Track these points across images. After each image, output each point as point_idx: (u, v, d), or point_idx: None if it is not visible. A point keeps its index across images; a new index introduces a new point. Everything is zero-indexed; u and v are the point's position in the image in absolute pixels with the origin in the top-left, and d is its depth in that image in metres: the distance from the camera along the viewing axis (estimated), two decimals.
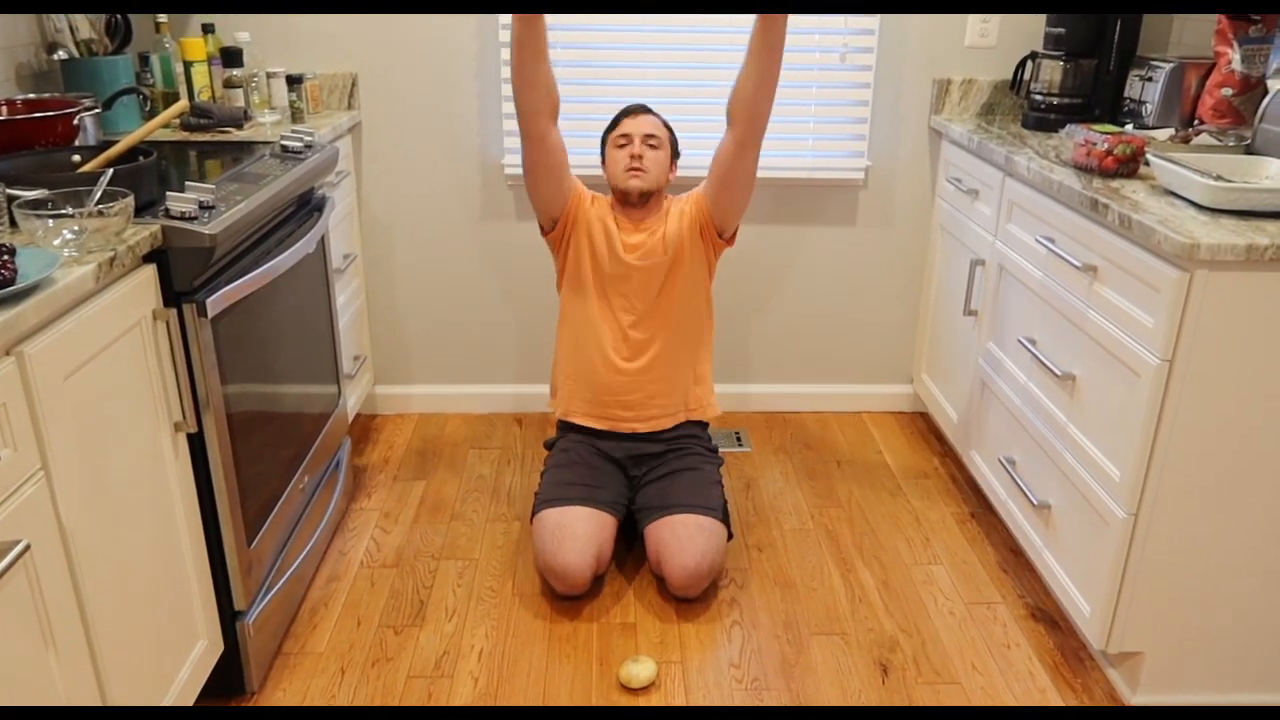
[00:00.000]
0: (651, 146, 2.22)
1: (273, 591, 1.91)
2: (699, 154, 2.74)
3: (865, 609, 2.14)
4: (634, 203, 2.22)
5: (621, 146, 2.23)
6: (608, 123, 2.32)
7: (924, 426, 2.99)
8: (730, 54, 2.66)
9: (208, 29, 2.47)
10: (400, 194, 2.81)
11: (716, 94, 2.69)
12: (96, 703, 1.40)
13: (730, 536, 2.23)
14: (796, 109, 2.71)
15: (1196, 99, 2.35)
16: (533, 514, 2.20)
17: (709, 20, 2.64)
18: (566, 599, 2.14)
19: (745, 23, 2.62)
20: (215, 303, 1.61)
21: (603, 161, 2.29)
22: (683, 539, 2.09)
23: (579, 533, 2.08)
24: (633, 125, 2.24)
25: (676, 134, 2.34)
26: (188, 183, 1.62)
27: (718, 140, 2.18)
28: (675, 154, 2.32)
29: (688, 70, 2.69)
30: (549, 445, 2.40)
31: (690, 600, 2.14)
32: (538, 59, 2.02)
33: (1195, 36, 2.57)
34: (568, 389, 2.31)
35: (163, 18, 2.42)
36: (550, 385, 2.39)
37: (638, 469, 2.28)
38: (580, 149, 2.73)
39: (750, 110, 2.09)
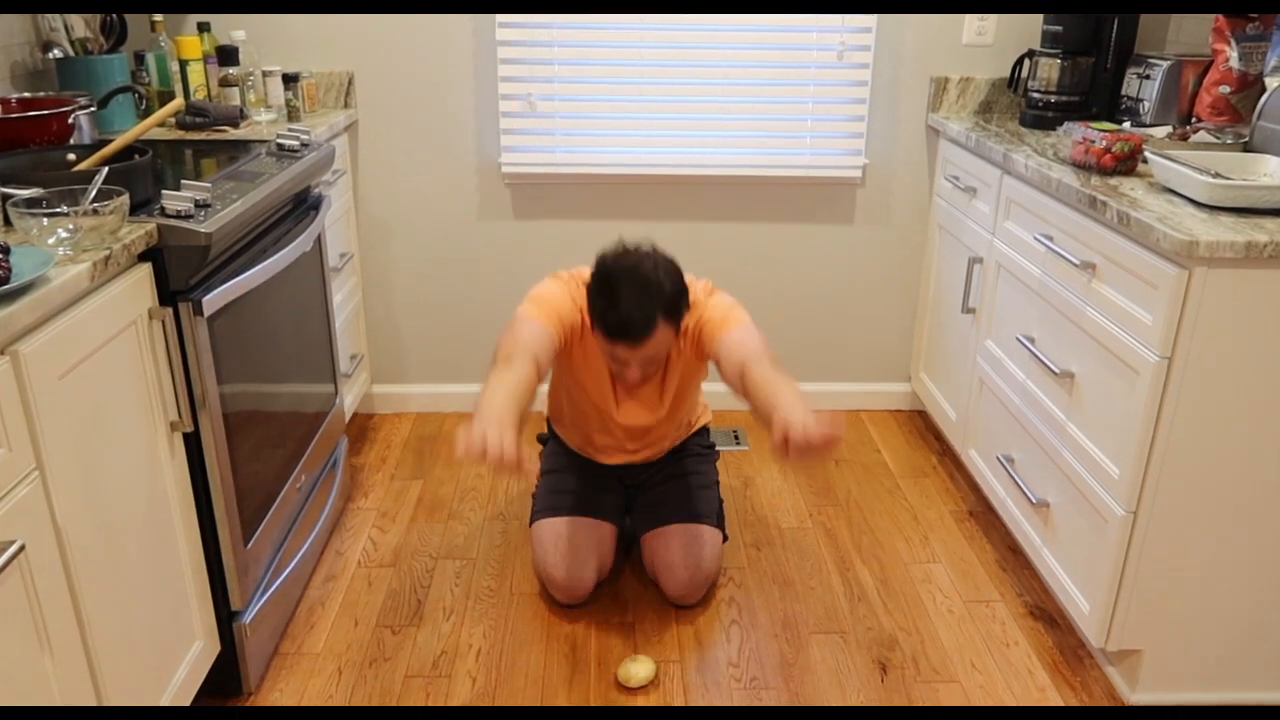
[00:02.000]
0: (654, 363, 1.91)
1: (269, 591, 1.91)
2: (700, 153, 2.75)
3: (864, 608, 2.14)
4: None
5: (616, 359, 1.90)
6: (608, 123, 2.19)
7: (922, 425, 2.99)
8: (730, 52, 2.66)
9: (203, 28, 2.47)
10: (397, 193, 2.80)
11: (717, 92, 2.69)
12: (92, 703, 1.39)
13: (725, 538, 2.23)
14: (794, 107, 2.71)
15: (1194, 96, 2.35)
16: (531, 519, 2.19)
17: (708, 20, 2.63)
18: (566, 606, 2.14)
19: (745, 22, 2.62)
20: (211, 302, 1.60)
21: (590, 322, 1.90)
22: (675, 551, 2.08)
23: (580, 544, 2.07)
24: (630, 353, 1.84)
25: (676, 136, 2.18)
26: (183, 181, 1.61)
27: (718, 139, 2.13)
28: (681, 323, 1.89)
29: (687, 69, 2.68)
30: (542, 440, 2.38)
31: (688, 605, 2.14)
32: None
33: (1193, 34, 2.57)
34: (563, 427, 2.24)
35: (158, 16, 2.41)
36: (547, 410, 2.31)
37: (632, 477, 2.25)
38: (581, 148, 2.74)
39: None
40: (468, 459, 1.53)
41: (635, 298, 1.77)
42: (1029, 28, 2.70)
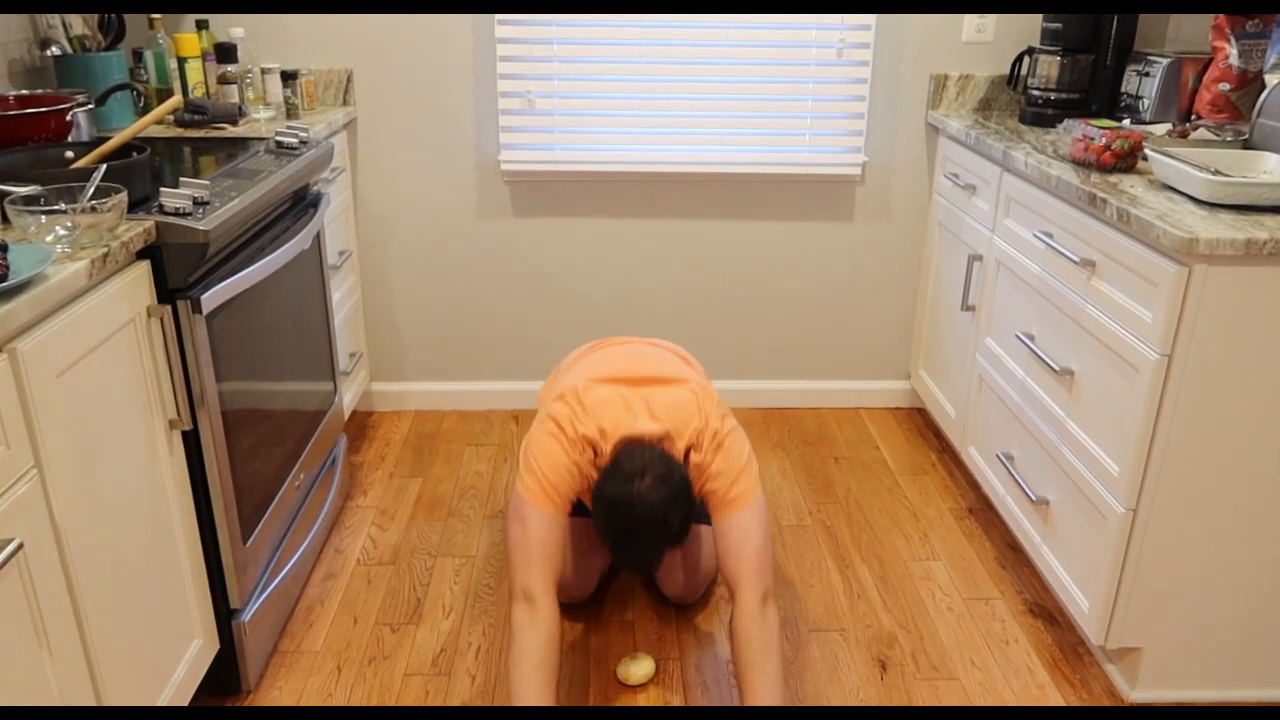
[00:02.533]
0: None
1: (269, 590, 1.90)
2: (700, 150, 2.74)
3: (863, 605, 2.14)
4: None
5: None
6: (607, 123, 2.19)
7: (921, 422, 2.99)
8: (730, 49, 2.66)
9: (202, 25, 2.46)
10: (396, 190, 2.80)
11: (715, 90, 2.69)
12: (91, 702, 1.39)
13: None
14: (793, 105, 2.71)
15: (1194, 94, 2.35)
16: None
17: (708, 20, 2.63)
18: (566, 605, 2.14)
19: (744, 22, 2.62)
20: (210, 299, 1.60)
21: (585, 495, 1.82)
22: (674, 555, 2.08)
23: (582, 544, 2.07)
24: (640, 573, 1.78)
25: (675, 137, 2.18)
26: (182, 179, 1.61)
27: (717, 139, 2.12)
28: (693, 517, 1.76)
29: (687, 66, 2.68)
30: None
31: (689, 605, 2.14)
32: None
33: (1192, 32, 2.57)
34: None
35: (156, 14, 2.41)
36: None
37: None
38: (580, 145, 2.74)
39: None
40: None
41: (647, 543, 1.66)
42: (1029, 25, 2.69)
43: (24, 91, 2.07)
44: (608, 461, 1.70)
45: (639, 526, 1.64)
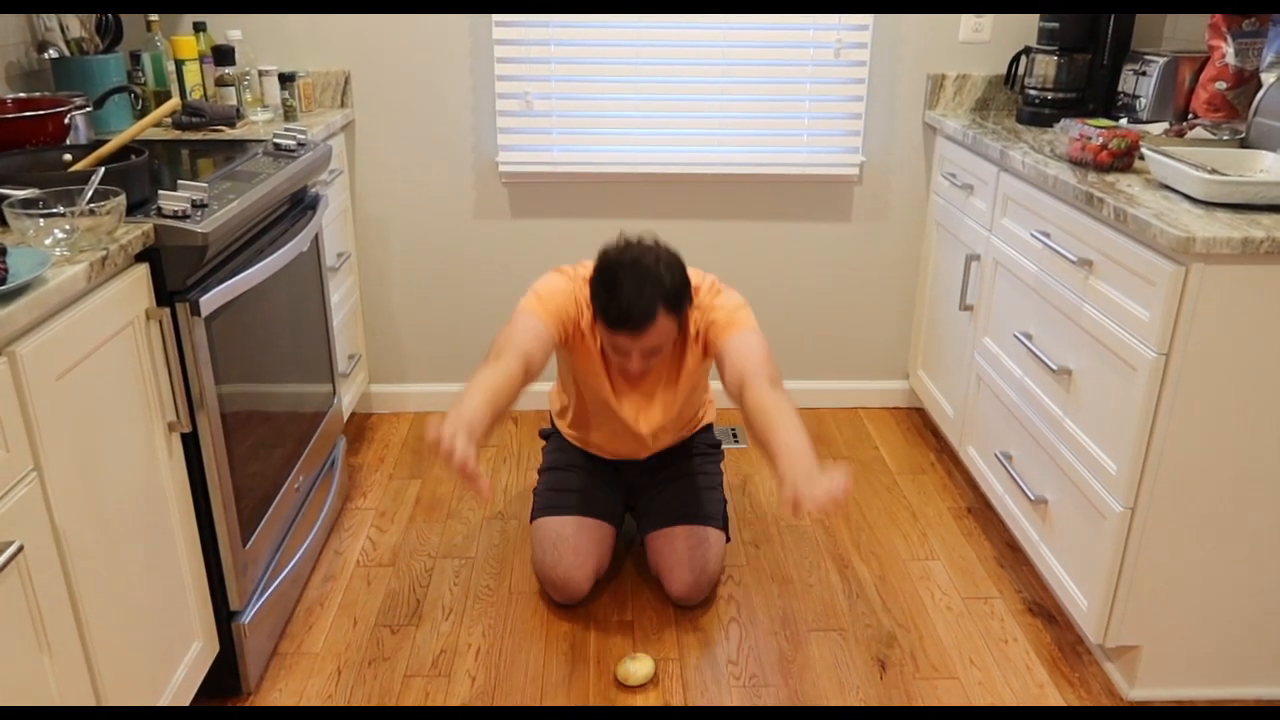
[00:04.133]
0: (655, 354, 1.90)
1: (268, 592, 1.90)
2: (698, 151, 2.75)
3: (862, 605, 2.14)
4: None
5: (618, 350, 1.89)
6: (607, 123, 2.20)
7: (920, 422, 2.99)
8: (728, 50, 2.66)
9: (199, 27, 2.46)
10: (394, 192, 2.80)
11: (715, 91, 2.69)
12: (91, 704, 1.39)
13: (728, 540, 2.22)
14: (791, 105, 2.71)
15: (1190, 93, 2.35)
16: (531, 517, 2.19)
17: (707, 21, 2.63)
18: (564, 605, 2.14)
19: (744, 22, 2.62)
20: (208, 302, 1.60)
21: (593, 315, 1.90)
22: (681, 553, 2.08)
23: (578, 546, 2.07)
24: (631, 342, 1.84)
25: (675, 138, 2.17)
26: (180, 181, 1.61)
27: (717, 139, 2.13)
28: (685, 318, 1.93)
29: (686, 67, 2.68)
30: (545, 435, 2.38)
31: (691, 606, 2.14)
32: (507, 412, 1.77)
33: (1189, 31, 2.57)
34: (571, 424, 2.24)
35: (154, 16, 2.41)
36: (552, 395, 2.32)
37: (635, 474, 2.25)
38: (578, 146, 2.74)
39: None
40: (430, 451, 1.57)
41: (636, 289, 1.77)
42: (1026, 25, 2.70)
43: (22, 94, 2.07)
44: None
45: (633, 266, 1.79)
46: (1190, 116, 2.34)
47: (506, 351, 1.79)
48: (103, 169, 1.52)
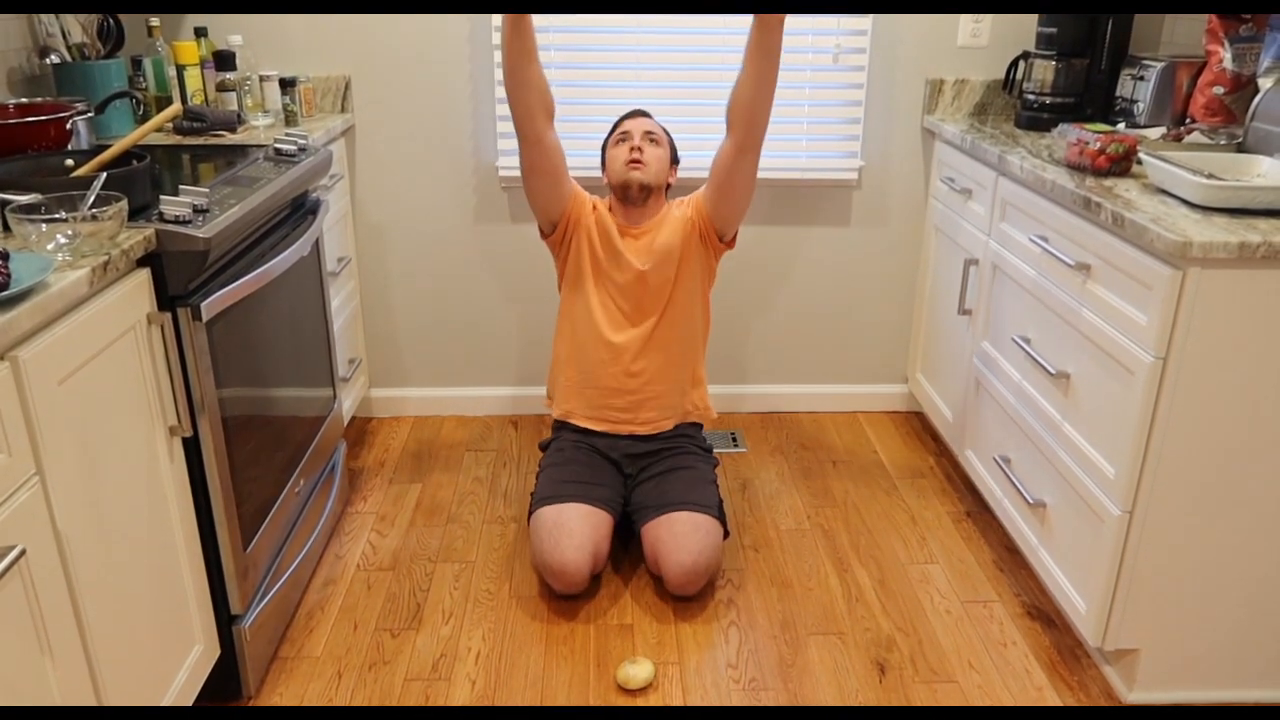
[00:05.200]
0: (652, 142, 2.24)
1: (269, 595, 1.91)
2: (698, 155, 2.75)
3: (862, 608, 2.14)
4: (635, 199, 2.22)
5: (621, 142, 2.25)
6: (606, 124, 2.34)
7: (919, 426, 2.99)
8: (727, 55, 2.67)
9: (200, 32, 2.47)
10: (394, 197, 2.81)
11: (714, 95, 2.70)
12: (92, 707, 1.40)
13: (726, 535, 2.23)
14: (790, 109, 2.72)
15: (1188, 98, 2.36)
16: (529, 514, 2.20)
17: (706, 21, 2.64)
18: (564, 598, 2.14)
19: (743, 23, 2.63)
20: (210, 306, 1.60)
21: (603, 166, 2.29)
22: (679, 537, 2.09)
23: (576, 530, 2.08)
24: (632, 124, 2.27)
25: (675, 139, 2.36)
26: (181, 186, 1.62)
27: (716, 142, 2.18)
28: (674, 158, 2.34)
29: (685, 71, 2.69)
30: (544, 446, 2.40)
31: (688, 599, 2.14)
32: (528, 60, 2.03)
33: (1186, 35, 2.58)
34: (566, 390, 2.31)
35: (155, 21, 2.42)
36: (547, 388, 2.39)
37: (633, 467, 2.28)
38: (578, 150, 2.74)
39: (749, 114, 2.08)
40: None
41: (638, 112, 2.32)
42: (1024, 30, 2.71)
43: (24, 100, 2.07)
44: None
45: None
46: (1188, 121, 2.35)
47: None
48: (104, 174, 1.53)
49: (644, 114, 2.33)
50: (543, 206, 2.24)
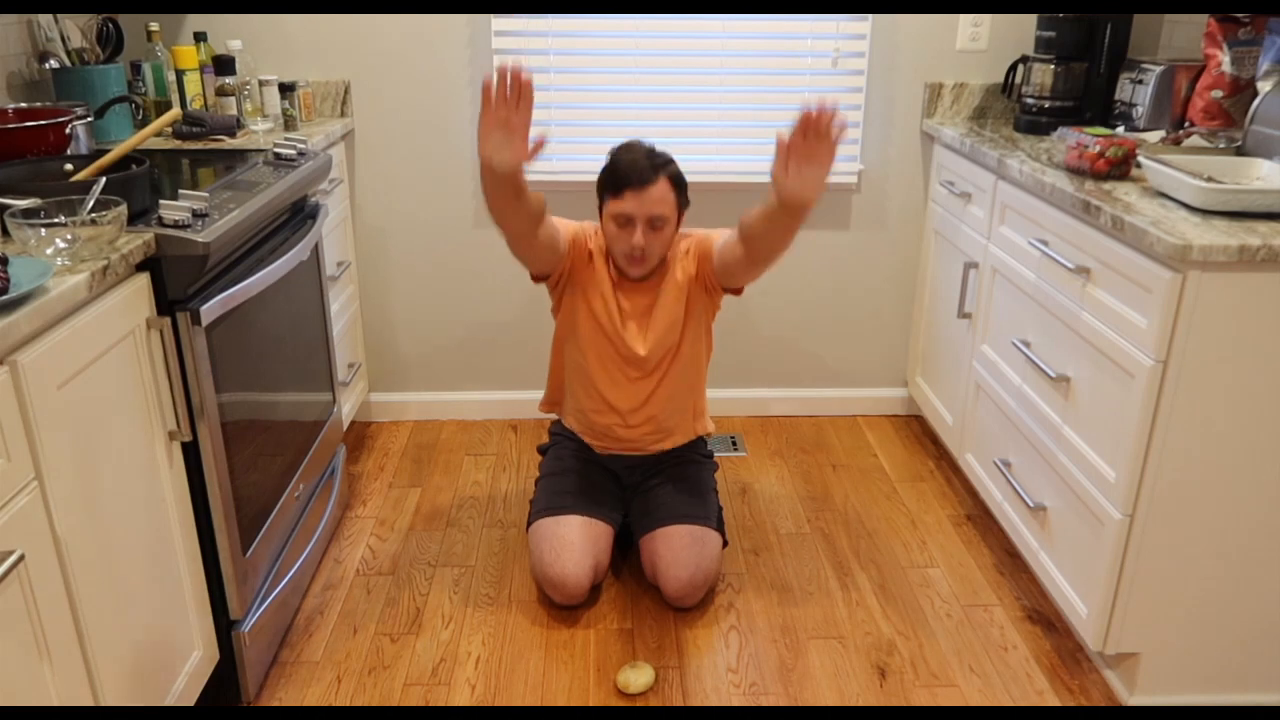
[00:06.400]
0: (656, 229, 2.01)
1: (268, 600, 1.91)
2: (697, 158, 2.75)
3: (862, 612, 2.14)
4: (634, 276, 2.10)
5: (622, 226, 2.01)
6: (606, 125, 2.25)
7: (919, 430, 2.99)
8: (727, 58, 2.67)
9: (200, 37, 2.47)
10: (393, 201, 2.81)
11: (714, 97, 2.70)
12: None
13: (725, 543, 2.23)
14: (789, 114, 2.72)
15: (1187, 101, 2.36)
16: (529, 523, 2.20)
17: (703, 27, 2.64)
18: (564, 607, 2.14)
19: (744, 27, 2.63)
20: (209, 311, 1.60)
21: (600, 215, 2.07)
22: (677, 551, 2.08)
23: (576, 543, 2.08)
24: (636, 204, 1.96)
25: (673, 139, 2.29)
26: (181, 191, 1.62)
27: (715, 144, 2.16)
28: (684, 204, 2.07)
29: (684, 76, 2.69)
30: (542, 450, 2.39)
31: (687, 608, 2.14)
32: (534, 224, 1.89)
33: (1185, 39, 2.59)
34: (565, 411, 2.28)
35: (155, 26, 2.42)
36: (546, 395, 2.34)
37: (632, 477, 2.27)
38: (578, 154, 2.74)
39: (761, 260, 1.97)
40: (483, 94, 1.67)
41: (638, 154, 2.00)
42: (1022, 33, 2.71)
43: (23, 104, 2.07)
44: None
45: (631, 143, 2.04)
46: (1187, 124, 2.35)
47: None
48: (104, 179, 1.53)
49: (653, 172, 1.97)
50: (535, 267, 2.09)
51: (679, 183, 2.03)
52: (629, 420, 2.18)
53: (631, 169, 1.97)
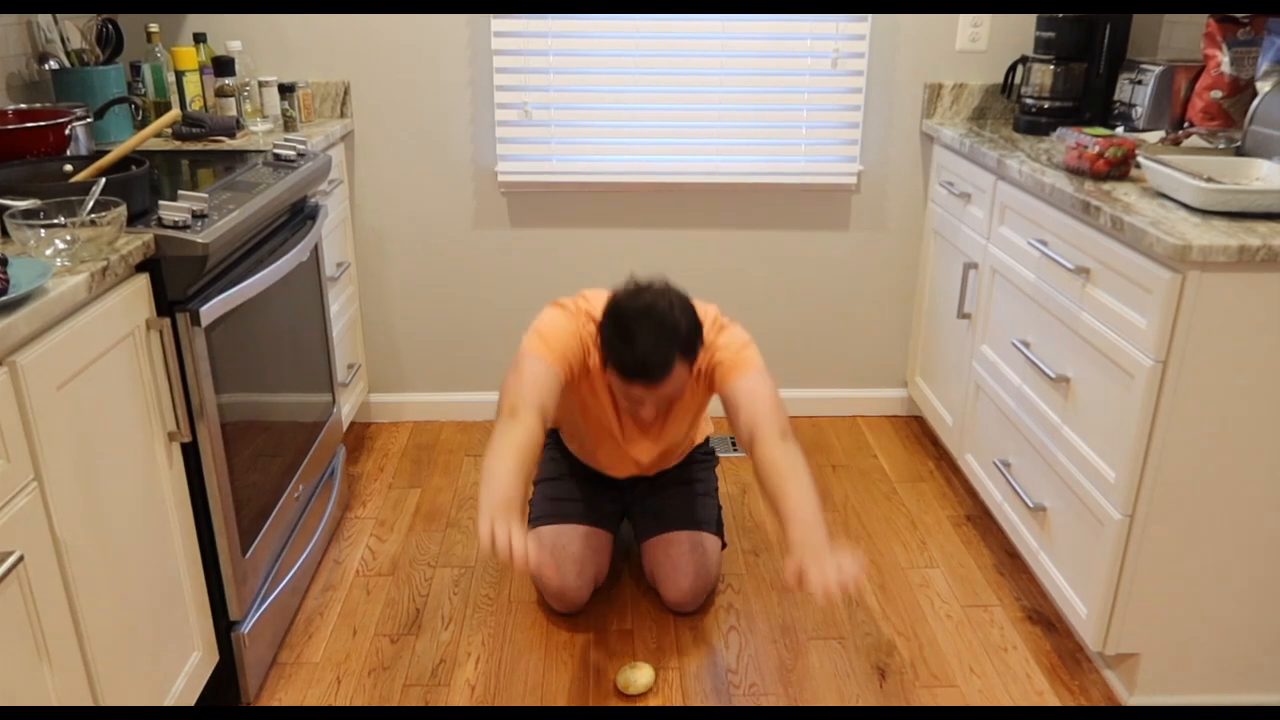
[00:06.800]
0: (671, 402, 1.94)
1: (268, 601, 1.90)
2: (697, 160, 2.75)
3: (862, 613, 2.14)
4: None
5: (632, 399, 1.85)
6: (606, 125, 2.18)
7: (919, 430, 2.99)
8: (727, 59, 2.67)
9: (199, 38, 2.47)
10: (393, 202, 2.81)
11: (714, 99, 2.70)
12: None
13: (724, 545, 2.23)
14: (789, 114, 2.72)
15: (1186, 101, 2.36)
16: (528, 526, 2.19)
17: (703, 27, 2.64)
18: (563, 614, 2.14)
19: (744, 28, 2.63)
20: (209, 312, 1.60)
21: (603, 365, 1.85)
22: (676, 559, 2.08)
23: (577, 554, 2.07)
24: (647, 393, 1.81)
25: (673, 142, 2.20)
26: (180, 192, 1.62)
27: (714, 144, 2.14)
28: (698, 348, 1.83)
29: (684, 76, 2.69)
30: None
31: (688, 612, 2.14)
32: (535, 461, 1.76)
33: (1184, 40, 2.59)
34: (568, 441, 2.24)
35: (154, 27, 2.42)
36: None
37: (631, 483, 2.25)
38: (576, 156, 2.75)
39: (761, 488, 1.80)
40: (484, 553, 1.54)
41: (652, 339, 1.72)
42: (1022, 34, 2.71)
43: (22, 105, 2.07)
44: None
45: (645, 315, 1.72)
46: (1186, 125, 2.35)
47: (521, 407, 1.74)
48: (103, 179, 1.53)
49: (662, 373, 1.75)
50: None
51: (694, 352, 1.80)
52: (632, 469, 2.17)
53: (642, 368, 1.73)
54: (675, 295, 1.79)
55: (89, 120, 1.99)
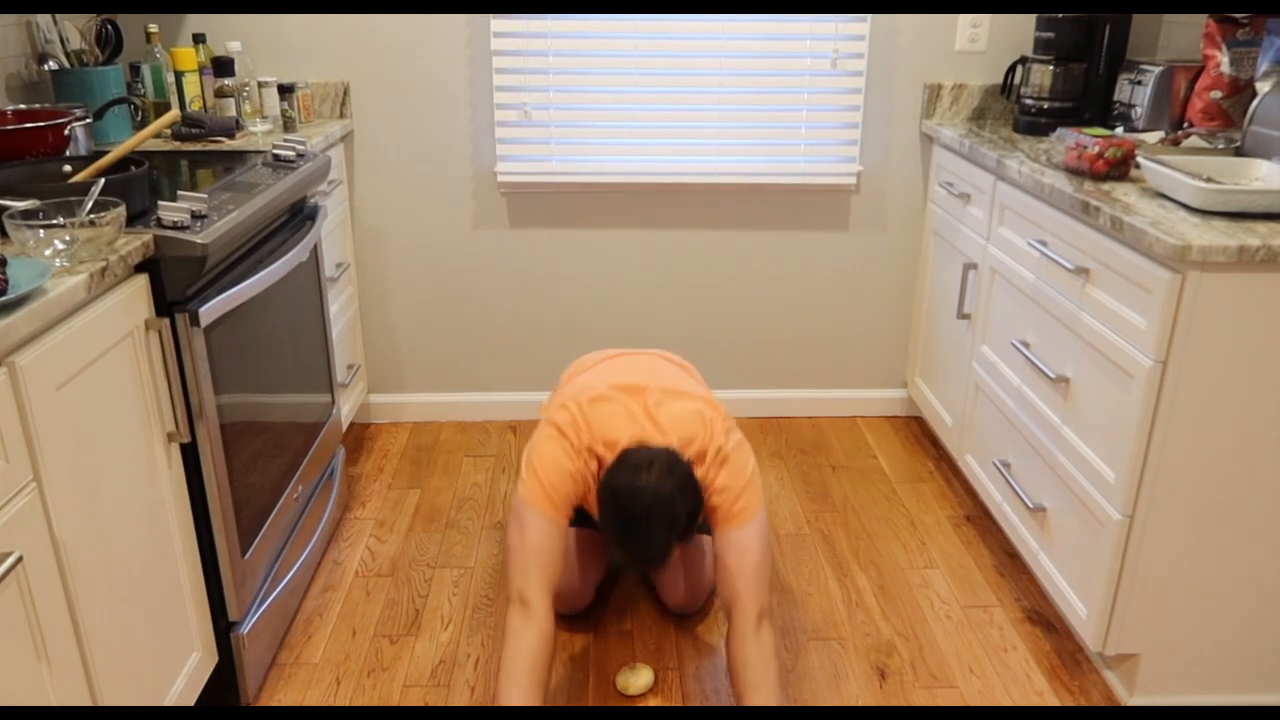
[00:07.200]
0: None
1: (267, 602, 1.90)
2: (696, 160, 2.75)
3: (862, 613, 2.14)
4: None
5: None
6: (605, 126, 2.18)
7: (918, 430, 2.99)
8: (727, 59, 2.67)
9: (199, 39, 2.47)
10: (393, 202, 2.81)
11: (713, 99, 2.70)
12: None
13: None
14: (788, 114, 2.72)
15: (1186, 102, 2.36)
16: None
17: (703, 28, 2.64)
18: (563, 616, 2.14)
19: (744, 29, 2.63)
20: (208, 312, 1.60)
21: (596, 504, 1.75)
22: (674, 566, 2.08)
23: (579, 558, 2.07)
24: (649, 570, 1.86)
25: (673, 143, 2.20)
26: (179, 192, 1.62)
27: (714, 144, 2.14)
28: (698, 520, 1.76)
29: (684, 76, 2.69)
30: None
31: (688, 615, 2.14)
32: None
33: (1184, 40, 2.59)
34: None
35: (154, 27, 2.42)
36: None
37: None
38: (576, 156, 2.74)
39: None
40: None
41: (654, 534, 1.66)
42: (1021, 34, 2.71)
43: (22, 106, 2.07)
44: (614, 460, 1.71)
45: (646, 514, 1.63)
46: (1186, 125, 2.35)
47: (531, 596, 1.67)
48: (102, 180, 1.53)
49: (663, 563, 1.72)
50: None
51: (693, 529, 1.75)
52: None
53: (643, 559, 1.69)
54: (677, 475, 1.67)
55: (88, 121, 1.99)
